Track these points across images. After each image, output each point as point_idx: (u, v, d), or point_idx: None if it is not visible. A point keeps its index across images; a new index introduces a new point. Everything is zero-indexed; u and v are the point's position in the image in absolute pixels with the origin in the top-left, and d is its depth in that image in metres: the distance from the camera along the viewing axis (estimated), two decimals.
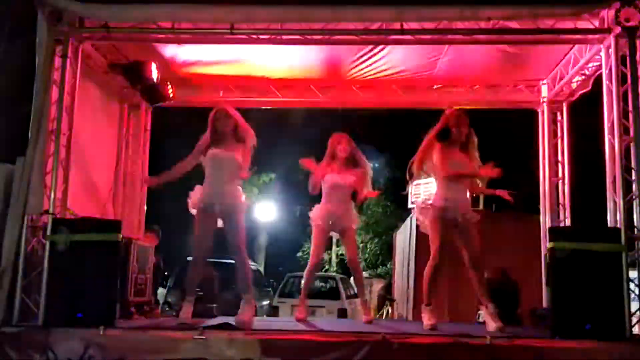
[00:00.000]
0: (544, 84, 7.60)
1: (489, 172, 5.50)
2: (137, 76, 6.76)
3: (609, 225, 5.28)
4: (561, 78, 7.10)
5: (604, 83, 5.50)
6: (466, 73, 7.40)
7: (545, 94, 7.59)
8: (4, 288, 5.07)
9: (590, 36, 5.69)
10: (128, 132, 7.74)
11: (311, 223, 6.07)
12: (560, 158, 7.50)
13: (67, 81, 5.59)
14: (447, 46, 6.54)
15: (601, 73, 5.65)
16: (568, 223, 7.20)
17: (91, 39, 5.97)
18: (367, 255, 21.12)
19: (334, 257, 21.30)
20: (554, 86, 7.35)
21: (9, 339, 4.66)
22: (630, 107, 5.25)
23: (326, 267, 20.94)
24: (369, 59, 7.01)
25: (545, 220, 7.50)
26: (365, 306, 6.24)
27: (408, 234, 11.46)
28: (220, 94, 7.74)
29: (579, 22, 5.62)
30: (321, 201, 6.05)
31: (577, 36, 5.81)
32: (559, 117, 7.60)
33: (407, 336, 4.66)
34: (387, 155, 18.97)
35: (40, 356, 4.56)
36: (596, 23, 5.54)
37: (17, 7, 5.69)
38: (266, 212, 21.97)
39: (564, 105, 7.52)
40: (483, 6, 5.36)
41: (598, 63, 6.06)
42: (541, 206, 7.60)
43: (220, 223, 5.44)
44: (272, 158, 19.04)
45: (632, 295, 4.99)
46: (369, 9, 5.48)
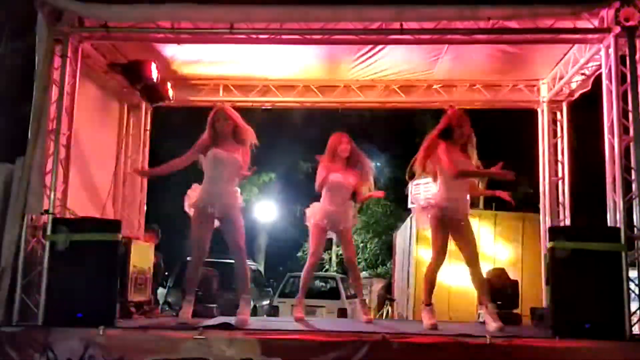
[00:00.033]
0: (544, 84, 7.59)
1: (504, 174, 5.42)
2: (137, 76, 6.75)
3: (609, 224, 5.27)
4: (561, 78, 7.09)
5: (604, 83, 5.49)
6: (466, 73, 7.40)
7: (545, 94, 7.59)
8: (4, 288, 5.06)
9: (589, 36, 5.69)
10: (128, 132, 7.73)
11: (308, 222, 6.06)
12: (560, 157, 7.50)
13: (67, 81, 5.59)
14: (447, 46, 6.53)
15: (601, 73, 5.65)
16: (568, 222, 7.19)
17: (91, 39, 5.96)
18: (367, 255, 21.10)
19: (334, 257, 21.29)
20: (554, 86, 7.34)
21: (9, 339, 4.66)
22: (630, 107, 5.25)
23: (326, 267, 20.94)
24: (369, 59, 7.01)
25: (545, 219, 7.50)
26: (364, 306, 6.24)
27: (408, 234, 11.47)
28: (220, 94, 7.74)
29: (579, 22, 5.61)
30: (321, 200, 6.04)
31: (577, 36, 5.80)
32: (559, 117, 7.59)
33: (407, 336, 4.65)
34: (387, 155, 18.96)
35: (40, 356, 4.56)
36: (596, 23, 5.53)
37: (17, 7, 5.68)
38: (266, 212, 21.98)
39: (564, 105, 7.52)
40: (482, 6, 5.35)
41: (598, 63, 6.04)
42: (541, 206, 7.61)
43: (216, 223, 5.44)
44: (272, 158, 19.04)
45: (632, 294, 4.99)
46: (369, 9, 5.47)
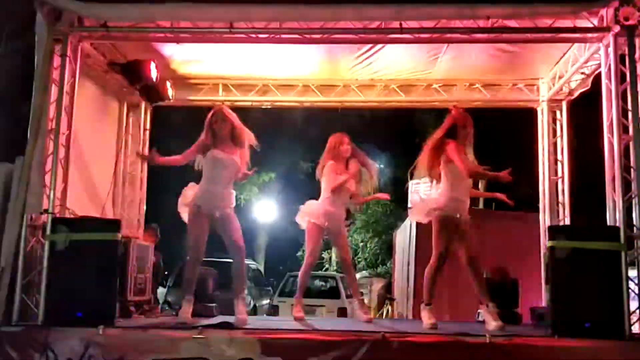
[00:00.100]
0: (543, 83, 7.60)
1: (506, 177, 5.45)
2: (137, 75, 6.75)
3: (608, 224, 5.27)
4: (560, 77, 7.08)
5: (603, 82, 5.49)
6: (465, 72, 7.39)
7: (544, 93, 7.59)
8: (4, 288, 5.05)
9: (589, 35, 5.68)
10: (127, 132, 7.73)
11: (301, 220, 6.05)
12: (559, 157, 7.50)
13: (66, 80, 5.59)
14: (446, 45, 6.53)
15: (600, 72, 5.64)
16: (567, 222, 7.20)
17: (90, 38, 5.96)
18: (367, 254, 21.10)
19: (334, 257, 21.28)
20: (553, 85, 7.34)
21: (9, 339, 4.66)
22: (629, 106, 5.25)
23: (326, 267, 20.93)
24: (368, 59, 7.00)
25: (544, 219, 7.50)
26: (363, 305, 6.24)
27: (408, 233, 11.46)
28: (219, 94, 7.74)
29: (578, 21, 5.60)
30: (322, 200, 6.03)
31: (577, 35, 5.79)
32: (559, 116, 7.59)
33: (407, 335, 4.66)
34: (387, 154, 18.95)
35: (40, 356, 4.56)
36: (595, 22, 5.53)
37: (17, 7, 5.68)
38: (266, 212, 21.97)
39: (564, 104, 7.52)
40: (482, 5, 5.35)
41: (597, 62, 6.04)
42: (541, 205, 7.61)
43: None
44: (272, 158, 19.04)
45: (632, 294, 4.99)
46: (368, 8, 5.47)
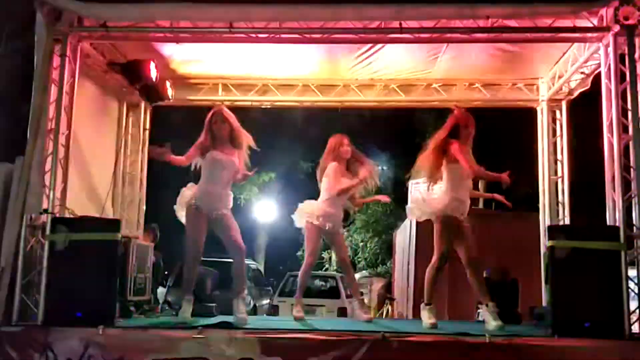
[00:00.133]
0: (543, 83, 7.59)
1: (506, 179, 5.46)
2: (136, 75, 6.74)
3: (608, 223, 5.27)
4: (560, 76, 7.08)
5: (603, 81, 5.49)
6: (465, 72, 7.38)
7: (544, 93, 7.59)
8: (4, 288, 5.05)
9: (589, 34, 5.68)
10: (127, 131, 7.73)
11: (299, 220, 6.05)
12: (559, 156, 7.50)
13: (66, 80, 5.58)
14: (446, 45, 6.52)
15: (600, 71, 5.64)
16: (567, 221, 7.20)
17: (90, 38, 5.96)
18: (367, 254, 21.11)
19: (334, 257, 21.27)
20: (553, 85, 7.33)
21: (9, 339, 4.66)
22: (629, 106, 5.25)
23: (326, 267, 20.93)
24: (368, 58, 7.00)
25: (544, 218, 7.50)
26: (363, 305, 6.24)
27: (408, 233, 11.45)
28: (219, 93, 7.74)
29: (578, 21, 5.60)
30: (322, 201, 6.03)
31: (576, 34, 5.79)
32: (558, 116, 7.59)
33: (407, 335, 4.66)
34: (387, 154, 18.95)
35: (40, 356, 4.56)
36: (595, 21, 5.53)
37: (17, 7, 5.68)
38: (266, 212, 21.96)
39: (563, 103, 7.52)
40: (482, 4, 5.35)
41: (597, 61, 6.04)
42: (540, 205, 7.60)
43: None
44: (272, 158, 19.02)
45: (631, 293, 4.99)
46: (368, 8, 5.47)
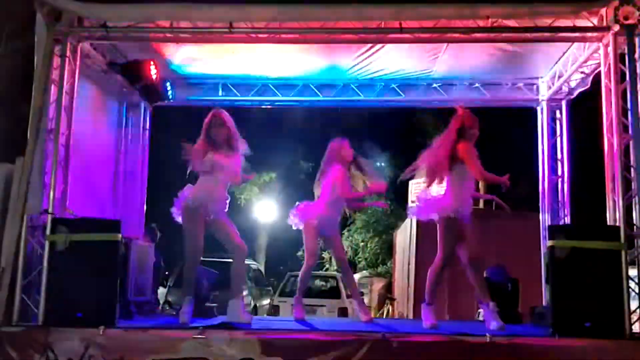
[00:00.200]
0: (543, 82, 7.60)
1: (506, 183, 5.44)
2: (136, 75, 6.76)
3: (609, 223, 5.28)
4: (560, 76, 7.09)
5: (603, 81, 5.50)
6: (465, 71, 7.39)
7: (544, 92, 7.60)
8: (4, 288, 5.05)
9: (589, 34, 5.68)
10: (127, 132, 7.73)
11: (298, 221, 6.07)
12: (559, 156, 7.51)
13: (66, 80, 5.59)
14: (446, 45, 6.53)
15: (600, 71, 5.65)
16: (568, 221, 7.20)
17: (90, 39, 5.96)
18: (368, 254, 21.10)
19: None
20: (553, 84, 7.34)
21: (9, 339, 4.66)
22: (629, 105, 5.25)
23: (326, 267, 20.93)
24: (368, 58, 7.01)
25: (544, 218, 7.50)
26: (362, 305, 6.24)
27: (408, 233, 11.46)
28: (219, 93, 7.74)
29: (578, 20, 5.61)
30: (319, 202, 6.04)
31: (576, 34, 5.80)
32: (558, 116, 7.60)
33: (407, 335, 4.66)
34: (387, 154, 18.95)
35: (40, 356, 4.55)
36: (595, 21, 5.53)
37: (17, 7, 5.67)
38: (266, 212, 21.96)
39: (563, 103, 7.52)
40: (482, 4, 5.35)
41: (597, 61, 6.04)
42: (541, 204, 7.61)
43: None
44: (272, 158, 19.04)
45: (632, 293, 5.00)
46: (368, 8, 5.47)
